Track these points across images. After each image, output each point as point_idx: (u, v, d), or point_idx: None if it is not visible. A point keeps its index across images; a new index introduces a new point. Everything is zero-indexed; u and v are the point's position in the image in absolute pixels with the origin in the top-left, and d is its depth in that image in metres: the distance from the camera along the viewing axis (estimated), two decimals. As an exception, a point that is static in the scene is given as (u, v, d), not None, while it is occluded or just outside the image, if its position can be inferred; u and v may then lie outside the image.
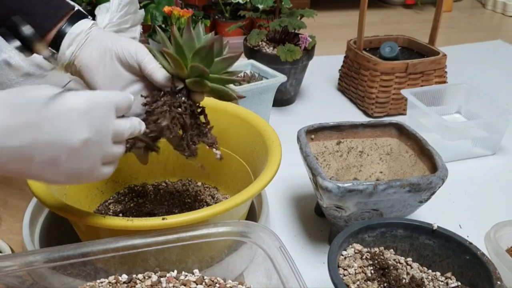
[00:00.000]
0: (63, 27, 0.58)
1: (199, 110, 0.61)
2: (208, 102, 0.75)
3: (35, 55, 0.61)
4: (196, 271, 0.57)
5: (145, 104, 0.58)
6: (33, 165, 0.42)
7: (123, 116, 0.50)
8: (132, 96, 0.51)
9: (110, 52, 0.58)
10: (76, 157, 0.44)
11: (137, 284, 0.53)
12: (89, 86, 0.60)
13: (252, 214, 0.76)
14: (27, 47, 0.58)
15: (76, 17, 0.60)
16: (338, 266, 0.58)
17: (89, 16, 0.62)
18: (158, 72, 0.58)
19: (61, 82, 0.50)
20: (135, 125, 0.51)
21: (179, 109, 0.57)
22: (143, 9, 1.26)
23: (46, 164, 0.42)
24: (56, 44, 0.58)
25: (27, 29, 0.55)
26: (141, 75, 0.59)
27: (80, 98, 0.44)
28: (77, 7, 0.62)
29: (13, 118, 0.40)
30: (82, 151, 0.44)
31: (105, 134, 0.46)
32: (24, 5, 0.57)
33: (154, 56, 0.58)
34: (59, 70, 0.59)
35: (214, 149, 0.62)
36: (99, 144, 0.46)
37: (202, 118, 0.61)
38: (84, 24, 0.59)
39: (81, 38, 0.58)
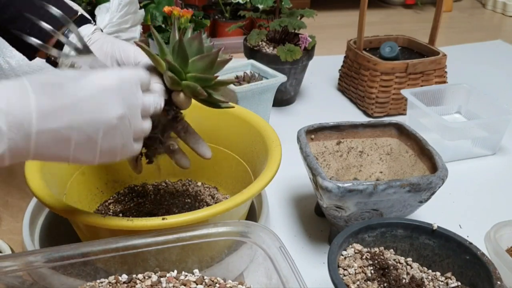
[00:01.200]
0: (66, 32, 0.59)
1: (175, 114, 0.58)
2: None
3: (37, 58, 0.62)
4: (196, 271, 0.57)
5: None
6: (71, 146, 0.42)
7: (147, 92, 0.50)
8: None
9: (111, 57, 0.59)
10: (112, 134, 0.45)
11: (137, 284, 0.53)
12: None
13: (252, 214, 0.76)
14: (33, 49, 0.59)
15: (79, 22, 0.61)
16: (338, 266, 0.58)
17: (92, 21, 0.62)
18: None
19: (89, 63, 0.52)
20: (157, 100, 0.51)
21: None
22: (143, 9, 1.26)
23: (84, 144, 0.43)
24: (59, 48, 0.59)
25: (55, 11, 0.54)
26: None
27: (110, 75, 0.45)
28: (80, 11, 0.62)
29: (49, 100, 0.40)
30: (118, 127, 0.45)
31: (136, 109, 0.47)
32: (27, 10, 0.57)
33: (152, 57, 0.57)
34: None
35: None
36: (131, 119, 0.46)
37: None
38: (87, 29, 0.60)
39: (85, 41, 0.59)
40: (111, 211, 0.75)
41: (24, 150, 0.41)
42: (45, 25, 0.56)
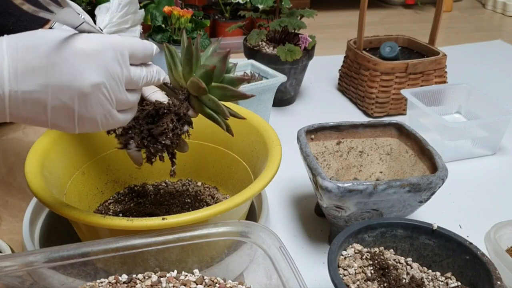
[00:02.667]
0: (52, 27, 0.57)
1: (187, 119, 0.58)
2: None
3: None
4: (196, 271, 0.57)
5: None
6: (47, 111, 0.42)
7: (141, 65, 0.48)
8: (155, 45, 0.49)
9: None
10: (88, 102, 0.43)
11: (137, 284, 0.53)
12: None
13: (252, 214, 0.76)
14: None
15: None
16: (338, 266, 0.58)
17: (79, 14, 0.60)
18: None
19: (73, 23, 0.45)
20: (152, 74, 0.49)
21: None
22: (143, 9, 1.26)
23: (60, 110, 0.42)
24: None
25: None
26: None
27: (91, 40, 0.43)
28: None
29: (23, 62, 0.40)
30: (93, 96, 0.43)
31: (117, 79, 0.44)
32: (10, 6, 0.56)
33: (175, 66, 0.55)
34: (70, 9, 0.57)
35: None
36: (111, 89, 0.44)
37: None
38: (72, 25, 0.58)
39: None
40: (111, 211, 0.75)
41: (1, 109, 0.41)
42: (29, 21, 0.54)
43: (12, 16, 0.56)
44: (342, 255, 0.60)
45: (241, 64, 1.10)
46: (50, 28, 0.57)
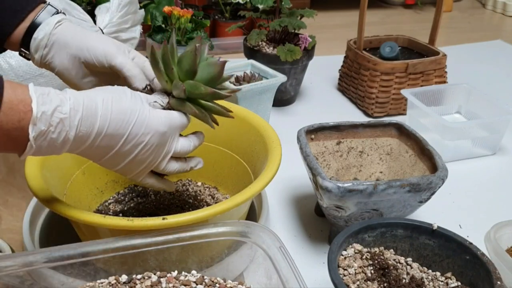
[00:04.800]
0: (29, 27, 0.55)
1: None
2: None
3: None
4: (196, 271, 0.57)
5: None
6: (105, 157, 0.51)
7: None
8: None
9: (78, 59, 0.56)
10: (137, 161, 0.52)
11: (137, 284, 0.53)
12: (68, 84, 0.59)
13: (252, 214, 0.76)
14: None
15: (43, 14, 0.56)
16: (338, 266, 0.58)
17: (60, 11, 0.58)
18: (137, 79, 0.56)
19: None
20: (190, 146, 0.58)
21: None
22: (143, 9, 1.26)
23: (115, 159, 0.51)
24: (27, 43, 0.56)
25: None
26: (109, 73, 0.58)
27: (160, 120, 0.52)
28: (48, 1, 0.58)
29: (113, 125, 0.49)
30: (142, 159, 0.53)
31: (167, 147, 0.54)
32: None
33: (157, 63, 0.55)
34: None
35: None
36: (160, 154, 0.54)
37: None
38: (46, 27, 0.56)
39: (45, 43, 0.56)
40: (111, 211, 0.75)
41: (73, 151, 0.50)
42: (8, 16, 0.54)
43: None
44: (342, 255, 0.60)
45: (241, 64, 1.10)
46: (27, 28, 0.56)
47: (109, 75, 0.59)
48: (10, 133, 0.43)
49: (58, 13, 0.58)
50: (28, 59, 0.58)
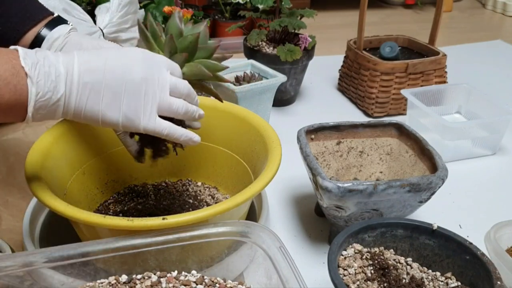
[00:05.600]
0: (41, 31, 0.59)
1: None
2: (208, 102, 0.75)
3: None
4: (196, 271, 0.57)
5: None
6: (101, 100, 0.49)
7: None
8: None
9: None
10: (135, 93, 0.50)
11: (137, 284, 0.53)
12: None
13: (252, 214, 0.76)
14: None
15: (56, 23, 0.60)
16: (338, 266, 0.58)
17: (69, 22, 0.62)
18: None
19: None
20: (193, 107, 0.55)
21: None
22: (143, 9, 1.26)
23: (111, 99, 0.49)
24: (35, 48, 0.58)
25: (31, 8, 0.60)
26: None
27: (136, 49, 0.52)
28: (57, 13, 0.62)
29: (86, 59, 0.49)
30: (141, 88, 0.50)
31: (161, 81, 0.51)
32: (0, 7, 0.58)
33: (148, 42, 0.58)
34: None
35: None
36: (155, 86, 0.51)
37: None
38: (63, 29, 0.60)
39: (59, 43, 0.59)
40: (111, 211, 0.75)
41: (71, 99, 0.48)
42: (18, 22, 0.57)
43: (2, 17, 0.58)
44: (342, 255, 0.60)
45: (241, 64, 1.10)
46: (39, 33, 0.59)
47: None
48: (8, 79, 0.44)
49: (66, 23, 0.62)
50: None
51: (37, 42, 0.59)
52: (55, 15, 0.61)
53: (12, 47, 0.47)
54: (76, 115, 0.49)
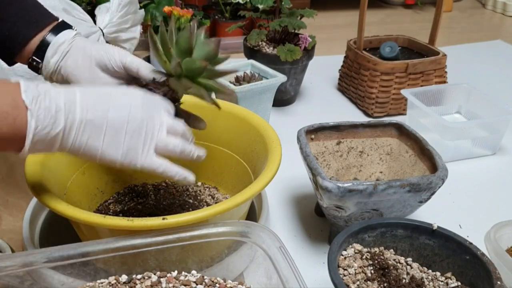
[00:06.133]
0: (47, 36, 0.59)
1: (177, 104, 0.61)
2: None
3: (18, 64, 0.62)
4: (196, 271, 0.57)
5: None
6: (102, 138, 0.50)
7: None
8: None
9: (94, 60, 0.59)
10: (136, 133, 0.51)
11: (137, 284, 0.53)
12: None
13: (252, 214, 0.76)
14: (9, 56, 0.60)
15: (61, 27, 0.61)
16: (338, 266, 0.58)
17: (74, 27, 0.62)
18: (142, 66, 0.60)
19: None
20: (191, 147, 0.56)
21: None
22: (143, 9, 1.26)
23: (112, 137, 0.50)
24: (40, 53, 0.59)
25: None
26: (122, 77, 0.61)
27: (137, 90, 0.54)
28: (61, 18, 0.62)
29: (89, 98, 0.49)
30: (142, 127, 0.51)
31: (159, 120, 0.53)
32: (4, 13, 0.58)
33: (155, 43, 0.59)
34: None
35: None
36: (154, 126, 0.52)
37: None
38: (68, 34, 0.60)
39: (65, 48, 0.59)
40: (111, 211, 0.75)
41: (70, 135, 0.48)
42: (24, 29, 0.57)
43: (7, 22, 0.58)
44: (342, 255, 0.60)
45: (241, 64, 1.10)
46: (44, 39, 0.59)
47: (117, 84, 0.62)
48: (7, 112, 0.44)
49: (71, 28, 0.62)
50: (37, 70, 0.61)
51: (42, 47, 0.59)
52: (59, 20, 0.61)
53: (13, 79, 0.47)
54: (74, 150, 0.50)
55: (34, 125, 0.45)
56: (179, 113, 0.61)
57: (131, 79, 0.61)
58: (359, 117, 1.17)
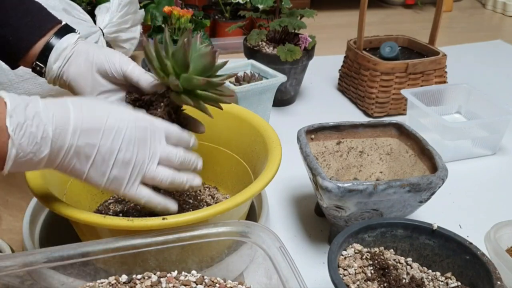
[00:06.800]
0: (50, 41, 0.59)
1: (178, 111, 0.61)
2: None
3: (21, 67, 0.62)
4: (196, 271, 0.57)
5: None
6: (88, 163, 0.49)
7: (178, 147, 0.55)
8: (193, 138, 0.57)
9: (95, 66, 0.59)
10: (124, 163, 0.50)
11: (137, 284, 0.53)
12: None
13: (252, 214, 0.76)
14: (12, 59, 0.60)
15: (64, 31, 0.60)
16: (338, 266, 0.58)
17: (76, 30, 0.62)
18: (142, 79, 0.59)
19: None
20: (190, 158, 0.55)
21: (159, 110, 0.58)
22: (143, 9, 1.26)
23: (100, 164, 0.49)
24: (44, 58, 0.59)
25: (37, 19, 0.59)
26: (123, 84, 0.61)
27: (132, 114, 0.51)
28: (64, 21, 0.62)
29: (81, 121, 0.47)
30: (131, 159, 0.50)
31: (152, 151, 0.52)
32: (8, 17, 0.58)
33: (151, 61, 0.58)
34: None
35: None
36: (145, 157, 0.51)
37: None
38: (71, 38, 0.60)
39: (67, 53, 0.59)
40: (111, 211, 0.75)
41: (56, 159, 0.47)
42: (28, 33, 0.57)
43: (10, 27, 0.58)
44: (342, 255, 0.60)
45: (241, 64, 1.10)
46: (48, 43, 0.59)
47: (118, 90, 0.61)
48: None
49: (74, 31, 0.62)
50: (40, 74, 0.61)
51: (45, 52, 0.59)
52: (63, 23, 0.61)
53: (1, 93, 0.44)
54: (61, 170, 0.49)
55: (14, 153, 0.44)
56: (181, 120, 0.61)
57: (131, 86, 0.61)
58: (359, 117, 1.17)
